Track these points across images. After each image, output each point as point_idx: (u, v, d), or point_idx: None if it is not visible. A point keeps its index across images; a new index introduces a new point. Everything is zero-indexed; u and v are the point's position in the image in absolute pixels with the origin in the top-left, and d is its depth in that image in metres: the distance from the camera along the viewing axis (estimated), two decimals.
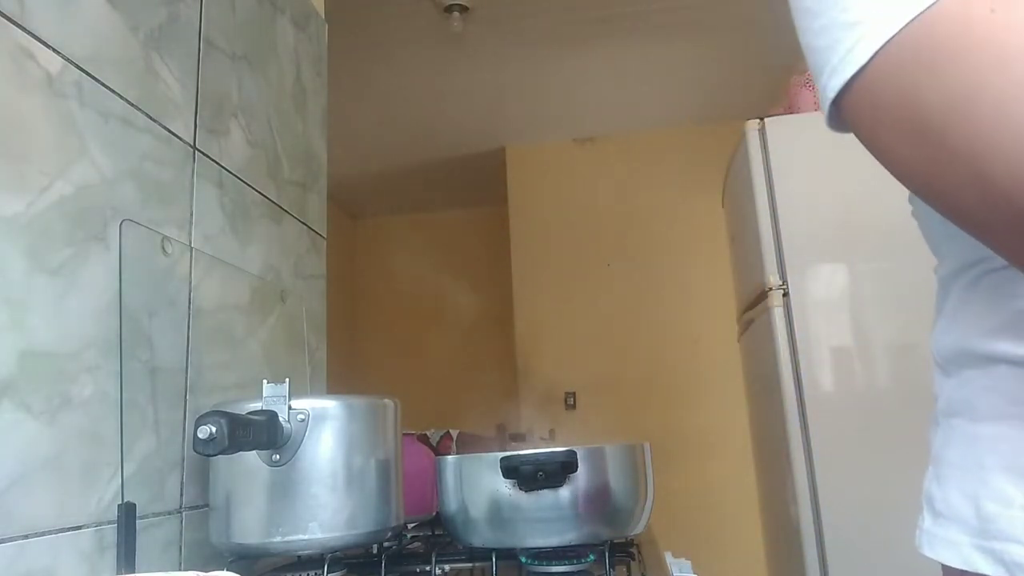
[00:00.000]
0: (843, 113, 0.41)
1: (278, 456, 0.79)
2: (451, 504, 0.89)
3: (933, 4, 0.36)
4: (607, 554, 0.85)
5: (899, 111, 0.37)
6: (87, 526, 0.69)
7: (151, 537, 0.78)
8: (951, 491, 0.50)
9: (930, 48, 0.36)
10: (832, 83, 0.40)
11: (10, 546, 0.61)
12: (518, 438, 2.09)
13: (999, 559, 0.44)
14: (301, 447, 0.80)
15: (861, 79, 0.38)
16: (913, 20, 0.36)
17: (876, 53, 0.37)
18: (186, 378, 0.86)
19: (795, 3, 0.44)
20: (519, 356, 3.67)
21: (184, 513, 0.84)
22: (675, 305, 3.56)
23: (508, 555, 0.87)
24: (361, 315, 4.66)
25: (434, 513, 1.11)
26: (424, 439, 1.53)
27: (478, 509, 0.86)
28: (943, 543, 0.49)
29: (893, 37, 0.37)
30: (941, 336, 0.53)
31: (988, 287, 0.48)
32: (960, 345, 0.51)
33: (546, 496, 0.83)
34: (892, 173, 0.41)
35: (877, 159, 0.41)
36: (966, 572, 0.47)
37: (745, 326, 2.40)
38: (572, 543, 0.84)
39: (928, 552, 0.51)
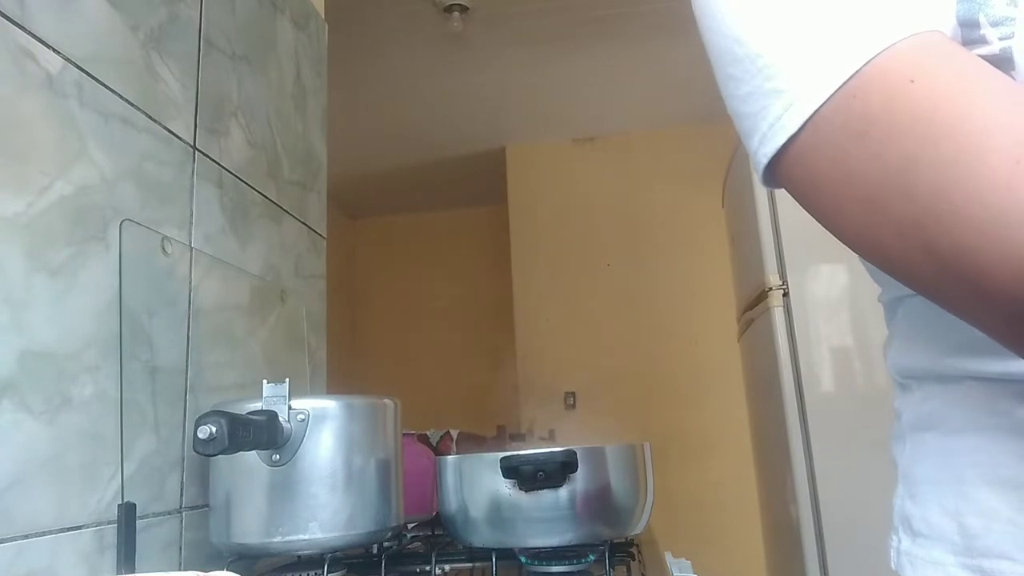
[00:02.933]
0: (779, 178, 0.42)
1: (278, 456, 0.79)
2: (451, 504, 0.89)
3: (856, 73, 0.37)
4: (607, 554, 0.85)
5: (837, 180, 0.38)
6: (87, 526, 0.69)
7: (151, 537, 0.78)
8: (930, 509, 0.48)
9: (859, 118, 0.36)
10: (764, 149, 0.41)
11: (10, 546, 0.61)
12: (518, 438, 2.09)
13: None
14: (301, 447, 0.80)
15: (793, 147, 0.39)
16: (839, 89, 0.37)
17: (806, 122, 0.38)
18: (186, 378, 0.86)
19: (718, 70, 0.44)
20: (519, 356, 3.67)
21: (184, 513, 0.84)
22: (675, 305, 3.56)
23: (508, 555, 0.87)
24: (361, 315, 4.66)
25: (434, 513, 1.11)
26: (424, 439, 1.53)
27: (478, 509, 0.86)
28: (926, 564, 0.47)
29: (821, 106, 0.38)
30: (899, 358, 0.52)
31: (934, 310, 0.47)
32: (920, 366, 0.50)
33: (546, 496, 0.83)
34: (836, 235, 0.41)
35: (820, 222, 0.42)
36: None
37: (745, 326, 2.40)
38: (572, 543, 0.84)
39: (910, 574, 0.49)
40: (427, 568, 0.89)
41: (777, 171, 0.41)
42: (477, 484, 0.86)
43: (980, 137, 0.33)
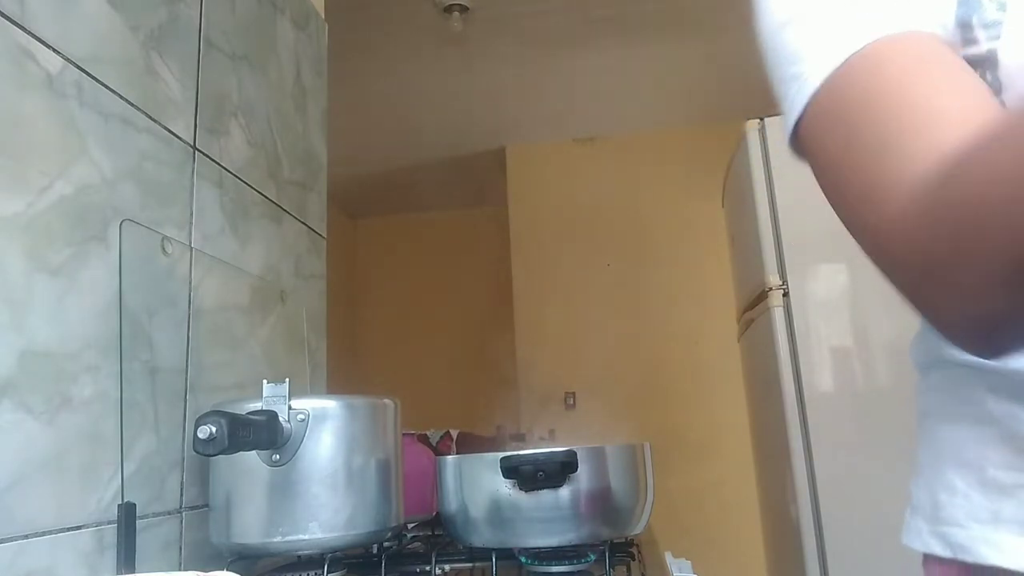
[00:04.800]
0: (796, 142, 0.51)
1: (278, 456, 0.79)
2: (451, 504, 0.89)
3: (843, 63, 0.44)
4: (607, 554, 0.85)
5: (820, 151, 0.46)
6: (87, 526, 0.69)
7: (151, 537, 0.78)
8: (919, 486, 0.56)
9: (837, 103, 0.44)
10: (787, 122, 0.49)
11: (10, 546, 0.61)
12: (518, 438, 2.09)
13: (946, 541, 0.51)
14: (301, 447, 0.80)
15: (802, 123, 0.48)
16: (829, 76, 0.44)
17: (808, 103, 0.46)
18: (186, 378, 0.86)
19: (769, 59, 0.52)
20: (519, 356, 3.66)
21: (184, 513, 0.84)
22: (675, 305, 3.55)
23: (508, 555, 0.87)
24: (361, 315, 4.66)
25: (434, 513, 1.11)
26: (424, 439, 1.53)
27: (478, 509, 0.86)
28: (912, 532, 0.55)
29: (817, 90, 0.45)
30: (914, 348, 0.59)
31: None
32: (926, 354, 0.56)
33: (546, 496, 0.83)
34: (824, 193, 0.49)
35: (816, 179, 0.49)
36: (927, 555, 0.54)
37: (745, 326, 2.40)
38: (572, 543, 0.84)
39: (904, 541, 0.57)
40: (427, 568, 0.89)
41: (796, 137, 0.49)
42: (477, 484, 0.86)
43: (903, 135, 0.40)
